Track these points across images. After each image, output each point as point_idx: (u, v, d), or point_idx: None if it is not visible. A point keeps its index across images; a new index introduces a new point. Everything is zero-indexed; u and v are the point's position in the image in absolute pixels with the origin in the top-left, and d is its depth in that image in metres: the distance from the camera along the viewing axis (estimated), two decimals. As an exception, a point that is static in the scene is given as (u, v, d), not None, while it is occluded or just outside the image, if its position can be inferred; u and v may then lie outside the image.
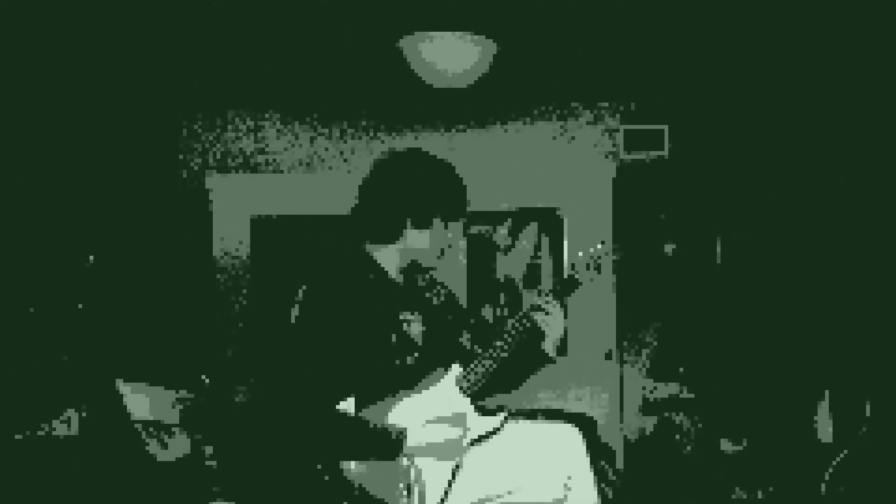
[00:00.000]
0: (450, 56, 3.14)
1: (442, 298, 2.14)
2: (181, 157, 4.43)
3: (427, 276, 2.12)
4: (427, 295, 2.10)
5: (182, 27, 3.03)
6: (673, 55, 3.56)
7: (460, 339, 2.15)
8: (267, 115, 4.44)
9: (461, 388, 1.93)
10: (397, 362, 1.90)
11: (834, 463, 2.84)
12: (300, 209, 4.41)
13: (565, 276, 2.08)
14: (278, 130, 4.45)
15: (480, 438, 1.93)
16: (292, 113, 4.45)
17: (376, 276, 1.95)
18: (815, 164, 3.86)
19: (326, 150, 4.43)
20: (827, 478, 2.85)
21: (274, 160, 4.45)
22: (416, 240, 1.94)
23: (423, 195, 1.93)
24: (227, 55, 3.40)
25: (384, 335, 1.90)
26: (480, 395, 2.01)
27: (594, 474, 2.00)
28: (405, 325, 1.95)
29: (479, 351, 2.02)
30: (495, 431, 1.96)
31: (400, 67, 3.24)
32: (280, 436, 2.00)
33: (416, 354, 1.94)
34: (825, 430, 3.29)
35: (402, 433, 1.80)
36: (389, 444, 1.79)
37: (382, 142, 4.40)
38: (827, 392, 3.28)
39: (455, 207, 1.97)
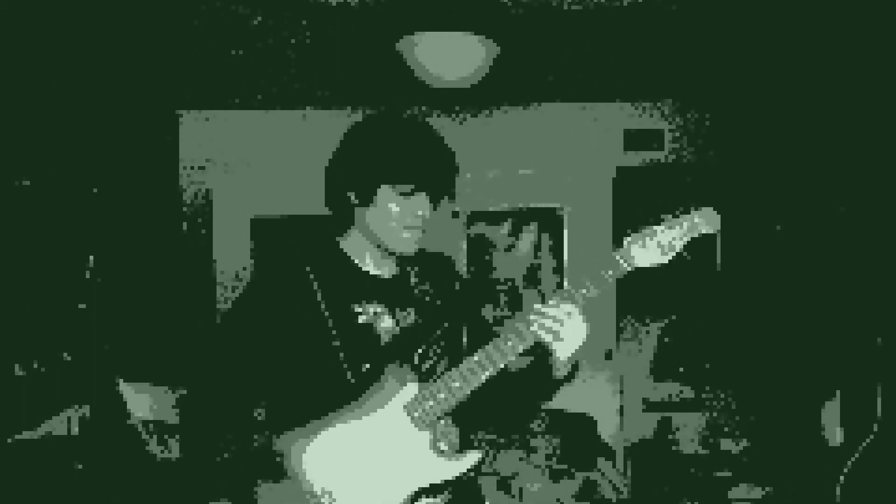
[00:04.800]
0: (450, 58, 3.12)
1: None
2: (182, 157, 4.44)
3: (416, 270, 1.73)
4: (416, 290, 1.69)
5: (184, 27, 3.03)
6: (673, 55, 3.56)
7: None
8: (267, 116, 4.45)
9: (412, 418, 1.47)
10: (345, 367, 1.52)
11: (847, 466, 2.82)
12: (300, 209, 4.40)
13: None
14: (279, 130, 4.45)
15: (433, 488, 1.50)
16: (293, 113, 4.45)
17: (341, 265, 1.66)
18: (817, 162, 3.86)
19: (327, 150, 4.42)
20: (842, 480, 2.83)
21: (274, 160, 4.45)
22: (373, 217, 1.60)
23: (355, 163, 1.64)
24: (228, 55, 3.40)
25: (325, 332, 1.55)
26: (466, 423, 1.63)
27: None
28: (361, 317, 1.59)
29: (441, 372, 1.57)
30: (457, 481, 1.51)
31: (399, 67, 3.24)
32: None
33: (374, 358, 1.54)
34: (833, 433, 3.27)
35: (281, 455, 1.47)
36: (272, 468, 1.47)
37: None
38: (838, 393, 3.26)
39: (401, 170, 1.57)
